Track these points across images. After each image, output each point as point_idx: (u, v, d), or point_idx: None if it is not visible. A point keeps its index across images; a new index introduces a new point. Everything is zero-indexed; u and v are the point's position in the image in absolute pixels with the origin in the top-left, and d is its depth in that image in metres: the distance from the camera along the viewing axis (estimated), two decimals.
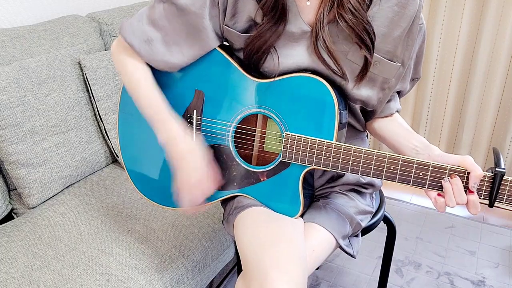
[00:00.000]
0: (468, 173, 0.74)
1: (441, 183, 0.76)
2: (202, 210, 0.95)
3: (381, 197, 1.18)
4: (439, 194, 0.77)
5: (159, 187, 1.00)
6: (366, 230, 1.08)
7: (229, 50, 0.94)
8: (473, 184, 0.74)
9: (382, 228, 1.27)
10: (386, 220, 1.21)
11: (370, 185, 1.03)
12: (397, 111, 0.98)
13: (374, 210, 1.06)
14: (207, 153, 0.90)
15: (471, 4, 1.89)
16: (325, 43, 0.82)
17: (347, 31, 0.80)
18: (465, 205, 0.76)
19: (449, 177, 0.75)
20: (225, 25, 0.88)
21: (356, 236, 1.02)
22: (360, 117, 0.96)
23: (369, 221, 1.07)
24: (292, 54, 0.86)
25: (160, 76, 0.94)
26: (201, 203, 0.90)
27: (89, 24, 1.56)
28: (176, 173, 0.88)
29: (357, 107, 0.92)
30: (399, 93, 0.99)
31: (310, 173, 0.99)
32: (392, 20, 0.82)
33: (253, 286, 0.76)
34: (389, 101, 0.96)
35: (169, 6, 0.87)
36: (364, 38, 0.80)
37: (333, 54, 0.83)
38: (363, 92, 0.88)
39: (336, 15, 0.79)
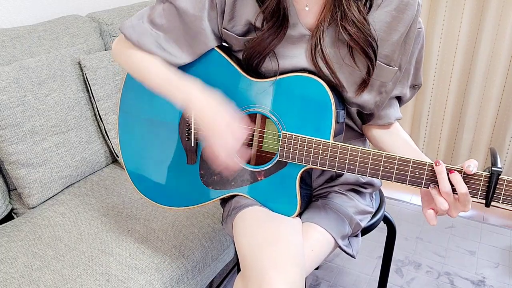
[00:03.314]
0: (465, 173, 0.74)
1: (437, 182, 0.76)
2: (236, 168, 0.92)
3: (381, 197, 1.18)
4: (431, 208, 0.78)
5: (160, 186, 1.01)
6: (366, 230, 1.08)
7: (228, 50, 0.94)
8: (468, 165, 0.73)
9: (382, 228, 1.27)
10: (386, 220, 1.21)
11: (370, 184, 1.03)
12: (398, 120, 0.97)
13: (373, 210, 1.06)
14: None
15: (471, 4, 1.89)
16: (323, 53, 0.82)
17: (351, 43, 0.80)
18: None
19: (449, 171, 0.75)
20: (224, 28, 0.88)
21: (356, 236, 1.02)
22: (357, 119, 0.96)
23: (369, 221, 1.07)
24: (290, 56, 0.86)
25: None
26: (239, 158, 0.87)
27: (89, 24, 1.57)
28: (206, 131, 0.84)
29: (354, 110, 0.93)
30: (399, 100, 0.97)
31: (308, 173, 0.99)
32: (390, 24, 0.82)
33: (251, 286, 0.76)
34: (388, 109, 0.95)
35: (169, 7, 0.87)
36: (368, 51, 0.80)
37: (329, 65, 0.83)
38: (361, 97, 0.88)
39: (340, 28, 0.79)
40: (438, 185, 0.75)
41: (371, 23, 0.81)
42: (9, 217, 1.37)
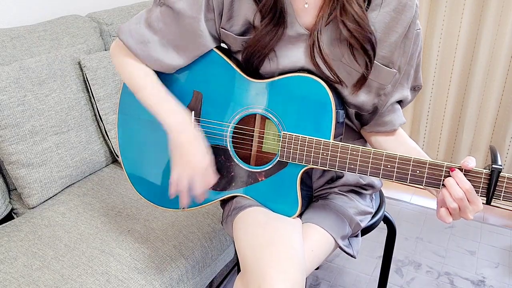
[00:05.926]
0: (465, 170, 0.74)
1: (438, 181, 0.76)
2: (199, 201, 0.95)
3: (381, 197, 1.18)
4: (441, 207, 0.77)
5: (159, 188, 1.00)
6: (366, 230, 1.08)
7: (227, 51, 0.94)
8: (466, 161, 0.73)
9: (382, 228, 1.27)
10: (386, 220, 1.21)
11: (370, 186, 1.03)
12: (401, 125, 0.96)
13: (373, 210, 1.06)
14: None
15: (471, 4, 1.89)
16: (320, 51, 0.82)
17: (350, 40, 0.79)
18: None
19: (450, 170, 0.75)
20: (222, 28, 0.88)
21: (356, 236, 1.02)
22: (355, 121, 0.96)
23: (369, 221, 1.07)
24: (289, 55, 0.86)
25: (159, 77, 0.94)
26: (202, 196, 0.89)
27: (89, 24, 1.57)
28: (179, 160, 0.87)
29: (352, 112, 0.93)
30: (400, 104, 0.96)
31: (308, 174, 0.99)
32: (388, 25, 0.82)
33: (251, 286, 0.76)
34: (391, 114, 0.94)
35: (166, 10, 0.87)
36: (367, 47, 0.80)
37: (328, 63, 0.83)
38: (359, 97, 0.88)
39: (339, 23, 0.79)
40: (448, 190, 0.75)
41: (371, 23, 0.81)
42: (9, 217, 1.37)
